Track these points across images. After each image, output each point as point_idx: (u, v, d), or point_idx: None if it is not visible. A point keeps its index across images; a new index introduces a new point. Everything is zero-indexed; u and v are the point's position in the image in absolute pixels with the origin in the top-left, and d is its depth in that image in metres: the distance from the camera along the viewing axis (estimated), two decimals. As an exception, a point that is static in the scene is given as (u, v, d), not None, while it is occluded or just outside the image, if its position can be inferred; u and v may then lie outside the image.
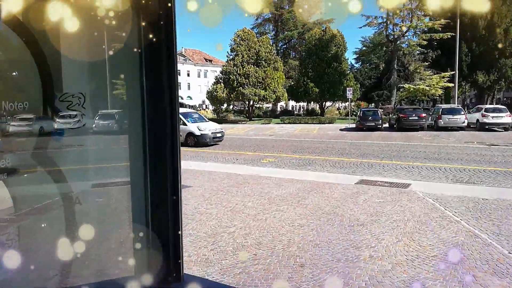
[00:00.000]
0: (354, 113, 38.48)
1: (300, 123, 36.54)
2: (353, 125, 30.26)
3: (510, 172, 10.88)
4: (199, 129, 18.23)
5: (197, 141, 18.11)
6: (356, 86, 41.38)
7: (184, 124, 18.18)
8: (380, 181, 9.84)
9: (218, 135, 18.95)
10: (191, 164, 12.94)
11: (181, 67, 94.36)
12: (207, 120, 21.00)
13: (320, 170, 11.76)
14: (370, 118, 26.56)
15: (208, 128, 18.67)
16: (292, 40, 63.22)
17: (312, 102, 55.22)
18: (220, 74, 43.63)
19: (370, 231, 5.74)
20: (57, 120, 1.36)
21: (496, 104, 44.59)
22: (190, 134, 18.18)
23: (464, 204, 7.35)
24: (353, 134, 24.96)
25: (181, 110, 19.78)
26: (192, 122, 18.59)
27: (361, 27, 60.88)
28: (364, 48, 77.95)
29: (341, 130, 28.70)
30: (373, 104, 56.03)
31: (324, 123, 35.42)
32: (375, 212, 6.80)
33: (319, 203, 7.41)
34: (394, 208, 7.06)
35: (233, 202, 7.42)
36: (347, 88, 32.16)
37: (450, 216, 6.50)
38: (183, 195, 5.53)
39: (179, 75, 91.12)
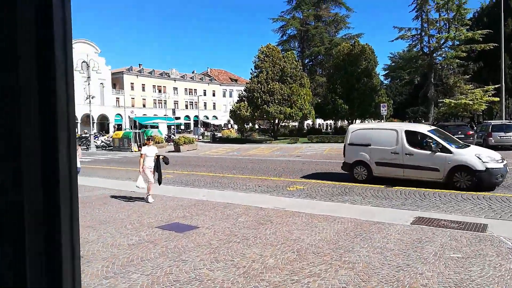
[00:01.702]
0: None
1: (329, 142, 34.11)
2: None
3: None
4: (482, 160, 10.58)
5: (479, 180, 10.42)
6: (389, 102, 38.75)
7: (444, 150, 10.99)
8: (444, 220, 7.49)
9: (507, 168, 11.16)
10: (205, 194, 10.97)
11: (207, 87, 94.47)
12: (463, 143, 12.70)
13: (361, 202, 9.50)
14: (408, 136, 23.85)
15: (491, 157, 10.90)
16: (319, 57, 61.38)
17: (340, 120, 52.79)
18: (244, 92, 42.09)
19: (468, 326, 3.49)
20: None
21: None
22: (463, 168, 10.68)
23: None
24: (390, 154, 22.37)
25: (424, 126, 13.00)
26: (457, 147, 11.30)
27: (392, 40, 58.38)
28: (394, 64, 75.38)
29: (375, 149, 26.09)
30: (407, 120, 52.95)
31: (355, 142, 32.91)
32: (460, 280, 4.52)
33: (371, 259, 5.20)
34: (485, 272, 4.75)
35: (249, 258, 5.32)
36: (381, 104, 29.68)
37: None
38: (184, 242, 4.75)
39: (204, 94, 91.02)
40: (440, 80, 43.56)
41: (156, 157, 9.94)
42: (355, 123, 45.23)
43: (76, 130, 60.84)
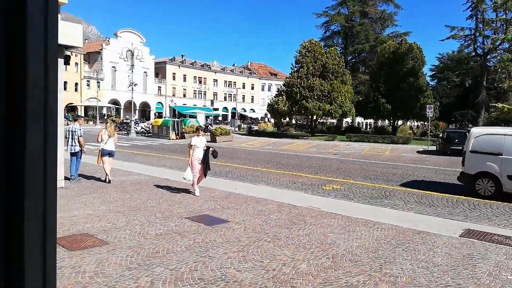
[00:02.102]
0: (431, 133, 34.04)
1: (368, 141, 32.93)
2: (433, 148, 26.22)
3: None
4: None
5: None
6: (436, 104, 36.78)
7: None
8: (498, 235, 6.74)
9: None
10: (238, 186, 10.70)
11: (246, 80, 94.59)
12: None
13: (402, 207, 8.85)
14: (456, 140, 22.52)
15: None
16: (363, 54, 59.47)
17: (381, 119, 51.05)
18: (283, 86, 41.53)
19: None
20: None
21: None
22: None
23: None
24: (435, 158, 21.16)
25: None
26: None
27: (443, 40, 55.36)
28: (441, 64, 72.01)
29: (418, 152, 24.84)
30: (453, 124, 50.39)
31: (397, 143, 31.50)
32: (522, 308, 3.91)
33: (415, 274, 4.67)
34: (553, 301, 4.10)
35: (279, 260, 4.94)
36: (427, 106, 28.13)
37: None
38: (213, 236, 5.30)
39: (243, 87, 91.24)
40: (492, 83, 40.88)
41: (205, 148, 9.29)
42: (397, 123, 43.52)
43: (118, 115, 62.85)
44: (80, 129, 10.58)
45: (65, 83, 62.48)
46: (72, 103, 63.45)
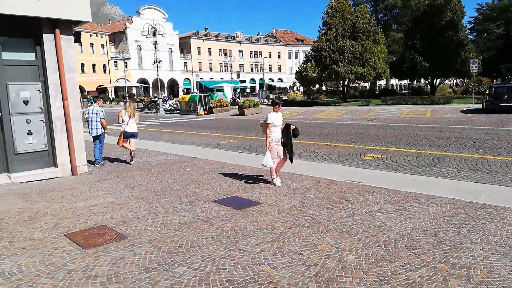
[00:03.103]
0: (475, 90, 31.58)
1: (406, 103, 31.02)
2: (479, 106, 24.25)
3: None
4: None
5: None
6: (479, 58, 33.87)
7: None
8: None
9: None
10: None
11: (272, 49, 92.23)
12: None
13: (456, 176, 7.79)
14: (506, 96, 20.57)
15: None
16: (395, 10, 55.85)
17: (417, 79, 48.28)
18: (311, 52, 39.69)
19: None
20: None
21: None
22: None
23: None
24: (482, 117, 19.42)
25: None
26: None
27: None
28: (480, 16, 66.85)
29: (463, 112, 23.01)
30: (497, 79, 46.81)
31: (437, 104, 29.46)
32: None
33: (491, 264, 3.77)
34: None
35: (321, 251, 4.18)
36: (471, 60, 25.83)
37: None
38: (243, 223, 4.92)
39: (269, 56, 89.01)
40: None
41: (284, 126, 7.46)
42: (436, 82, 40.86)
43: (147, 94, 63.17)
44: (102, 111, 10.10)
45: (94, 65, 63.30)
46: (102, 85, 64.37)
